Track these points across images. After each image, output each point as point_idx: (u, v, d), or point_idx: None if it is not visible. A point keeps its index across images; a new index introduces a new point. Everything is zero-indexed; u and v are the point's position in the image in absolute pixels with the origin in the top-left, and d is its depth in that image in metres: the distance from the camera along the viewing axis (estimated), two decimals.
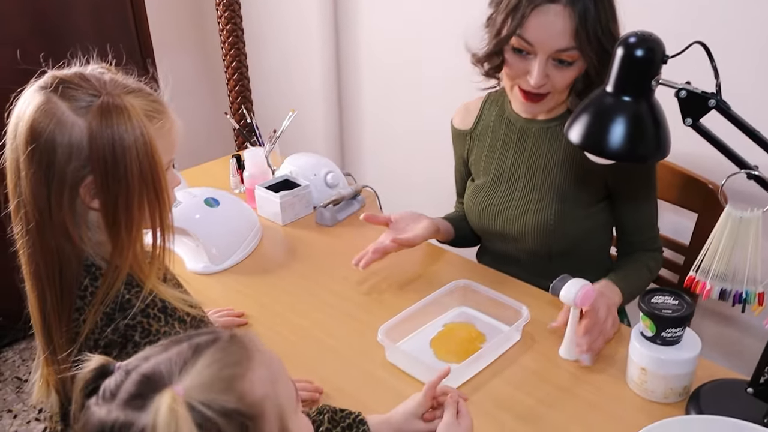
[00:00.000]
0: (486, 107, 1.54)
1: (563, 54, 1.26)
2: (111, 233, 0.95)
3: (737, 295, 1.01)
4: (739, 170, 0.96)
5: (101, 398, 0.66)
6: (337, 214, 1.73)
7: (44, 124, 0.90)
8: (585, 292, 1.20)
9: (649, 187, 1.43)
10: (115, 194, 0.92)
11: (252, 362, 0.69)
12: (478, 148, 1.54)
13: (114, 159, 0.90)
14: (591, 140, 1.02)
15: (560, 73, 1.29)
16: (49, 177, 0.91)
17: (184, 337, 0.72)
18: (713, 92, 0.96)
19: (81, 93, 0.91)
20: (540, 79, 1.28)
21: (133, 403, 0.64)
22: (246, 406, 0.66)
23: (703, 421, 0.99)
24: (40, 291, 0.96)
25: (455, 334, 1.33)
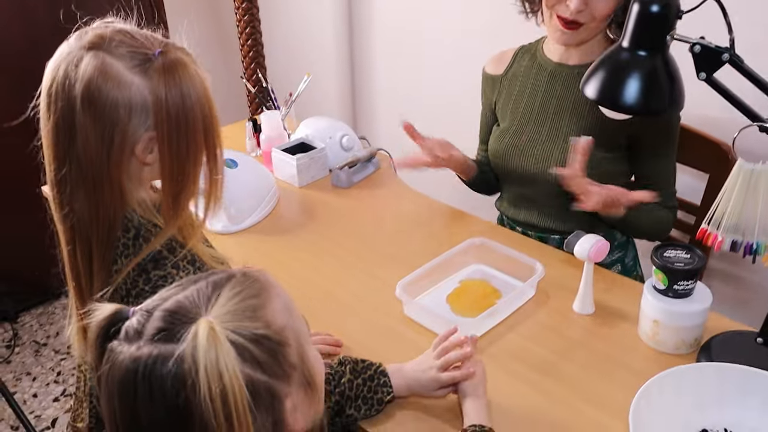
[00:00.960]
0: (519, 55, 1.58)
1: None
2: (170, 191, 0.97)
3: (748, 246, 1.03)
4: (752, 123, 0.97)
5: (124, 338, 0.68)
6: (353, 176, 1.75)
7: (104, 86, 0.90)
8: (598, 247, 1.22)
9: (669, 144, 1.45)
10: (185, 148, 0.94)
11: (270, 293, 0.72)
12: (507, 93, 1.58)
13: (185, 114, 0.92)
14: (607, 95, 1.04)
15: (598, 2, 1.32)
16: (110, 136, 0.92)
17: (198, 277, 0.74)
18: (727, 47, 0.97)
19: (132, 51, 0.92)
20: (579, 4, 1.31)
21: (164, 336, 0.66)
22: (273, 333, 0.69)
23: (715, 368, 1.02)
24: (87, 250, 0.97)
25: (471, 290, 1.37)
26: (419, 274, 1.33)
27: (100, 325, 0.70)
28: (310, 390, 0.74)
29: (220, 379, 0.62)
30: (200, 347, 0.63)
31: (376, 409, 1.07)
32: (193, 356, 0.63)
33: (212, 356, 0.63)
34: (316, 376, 0.75)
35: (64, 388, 2.31)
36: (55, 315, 2.66)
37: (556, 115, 1.49)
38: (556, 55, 1.51)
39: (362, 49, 2.61)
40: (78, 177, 0.94)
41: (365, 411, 1.07)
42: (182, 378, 0.63)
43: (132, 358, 0.66)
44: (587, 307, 1.28)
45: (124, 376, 0.66)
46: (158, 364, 0.64)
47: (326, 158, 1.78)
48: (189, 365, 0.63)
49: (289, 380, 0.70)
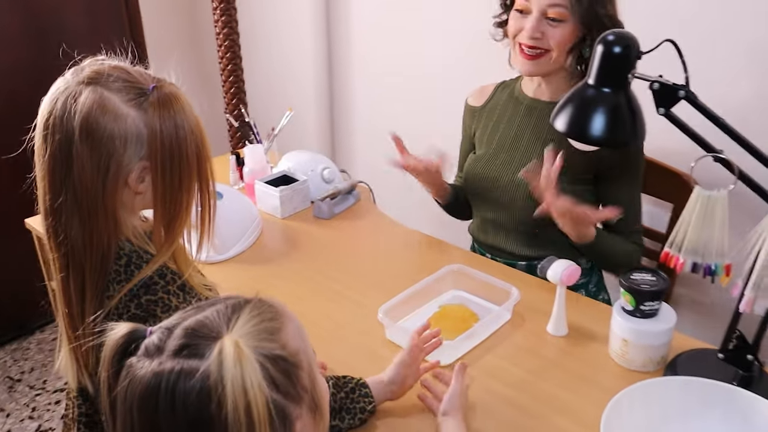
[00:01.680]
0: (499, 90, 1.69)
1: (554, 11, 1.41)
2: (163, 219, 1.02)
3: (707, 267, 1.11)
4: (706, 154, 1.06)
5: (144, 354, 0.70)
6: (334, 207, 1.82)
7: (102, 119, 0.95)
8: (570, 271, 1.30)
9: (633, 183, 1.53)
10: (178, 178, 1.00)
11: (284, 318, 0.76)
12: (485, 123, 1.67)
13: (178, 145, 0.98)
14: (575, 128, 1.12)
15: (553, 31, 1.43)
16: (106, 166, 0.97)
17: (214, 300, 0.78)
18: (683, 84, 1.06)
19: (128, 85, 0.98)
20: (532, 31, 1.43)
21: (187, 352, 0.68)
22: (289, 355, 0.72)
23: (680, 381, 1.09)
24: (80, 278, 1.00)
25: (450, 315, 1.42)
26: (400, 300, 1.39)
27: (118, 342, 0.73)
28: (318, 415, 0.77)
29: (245, 395, 0.65)
30: (227, 363, 0.66)
31: (360, 418, 1.13)
32: (219, 372, 0.65)
33: (238, 372, 0.65)
34: (322, 401, 0.78)
35: (39, 424, 2.30)
36: (29, 351, 2.64)
37: (528, 146, 1.58)
38: (531, 91, 1.60)
39: (341, 84, 2.70)
40: (73, 206, 0.98)
41: (349, 421, 1.12)
42: (208, 393, 0.65)
43: (154, 372, 0.68)
44: (561, 329, 1.35)
45: (145, 389, 0.68)
46: (182, 378, 0.66)
47: (308, 190, 1.85)
48: (215, 381, 0.65)
49: (301, 403, 0.73)
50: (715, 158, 1.06)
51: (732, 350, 1.16)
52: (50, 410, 2.35)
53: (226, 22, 2.40)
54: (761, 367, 1.18)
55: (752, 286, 1.07)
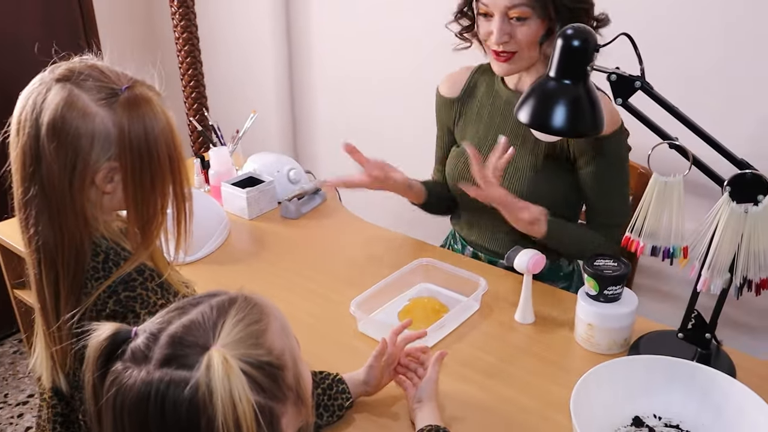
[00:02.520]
0: (476, 76, 1.64)
1: (515, 11, 1.39)
2: (137, 220, 1.02)
3: (666, 250, 1.16)
4: (662, 141, 1.11)
5: (131, 360, 0.71)
6: (301, 207, 1.83)
7: (70, 116, 0.96)
8: (536, 260, 1.34)
9: (610, 172, 1.50)
10: (150, 181, 1.00)
11: (269, 317, 0.77)
12: (467, 115, 1.64)
13: (147, 147, 0.98)
14: (537, 119, 1.17)
15: (520, 30, 1.41)
16: (72, 163, 0.97)
17: (198, 299, 0.77)
18: (638, 75, 1.11)
19: (99, 85, 0.98)
20: (499, 36, 1.41)
21: (175, 362, 0.69)
22: (274, 358, 0.73)
23: (643, 360, 1.14)
24: (53, 274, 1.01)
25: (421, 307, 1.45)
26: (371, 293, 1.42)
27: (102, 345, 0.73)
28: (302, 404, 0.78)
29: (233, 408, 0.67)
30: (215, 379, 0.67)
31: (337, 415, 1.14)
32: (208, 386, 0.67)
33: (227, 386, 0.67)
34: (306, 392, 0.79)
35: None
36: None
37: (510, 142, 1.52)
38: (512, 83, 1.58)
39: (302, 86, 2.72)
40: (42, 201, 0.99)
41: (327, 417, 1.13)
42: (196, 405, 0.67)
43: (143, 381, 0.68)
44: (528, 317, 1.39)
45: (135, 399, 0.68)
46: (171, 389, 0.67)
47: (275, 191, 1.86)
48: (204, 393, 0.67)
49: (286, 401, 0.74)
50: (670, 145, 1.11)
51: (691, 330, 1.21)
52: (13, 423, 2.31)
53: (185, 27, 2.39)
54: (718, 345, 1.24)
55: (708, 267, 1.12)
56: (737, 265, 1.11)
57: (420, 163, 1.84)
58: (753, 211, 1.07)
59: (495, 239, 1.64)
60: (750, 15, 1.67)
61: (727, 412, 1.07)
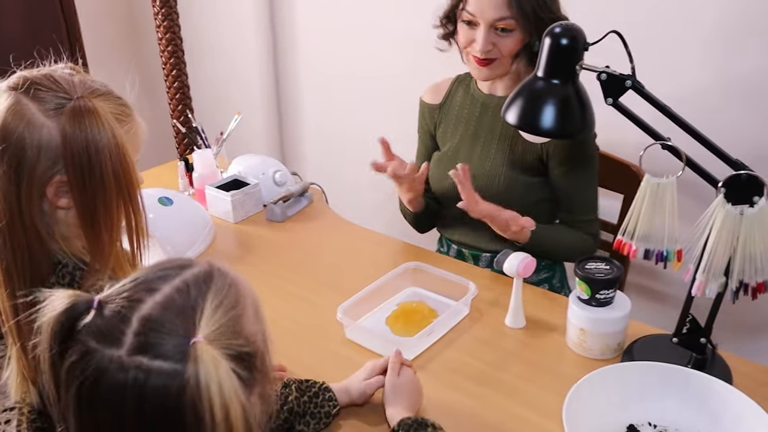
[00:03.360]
0: (455, 86, 1.69)
1: (502, 23, 1.42)
2: (90, 236, 0.98)
3: (659, 253, 1.13)
4: (654, 142, 1.08)
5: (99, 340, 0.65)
6: (287, 210, 1.80)
7: (14, 125, 0.92)
8: (526, 263, 1.31)
9: (583, 169, 1.54)
10: (93, 196, 0.95)
11: (245, 300, 0.73)
12: (446, 121, 1.68)
13: (89, 161, 0.93)
14: (526, 120, 1.13)
15: (503, 41, 1.45)
16: (19, 176, 0.93)
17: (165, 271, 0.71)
18: (629, 74, 1.08)
19: (51, 95, 0.94)
20: (484, 46, 1.44)
21: (151, 351, 0.64)
22: (250, 347, 0.70)
23: (637, 366, 1.11)
24: (11, 288, 0.97)
25: (409, 312, 1.42)
26: (358, 298, 1.38)
27: (60, 318, 0.67)
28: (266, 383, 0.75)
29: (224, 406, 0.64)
30: (204, 374, 0.63)
31: (324, 422, 1.11)
32: (197, 382, 0.63)
33: (216, 383, 0.63)
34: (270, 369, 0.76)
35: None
36: None
37: (486, 142, 1.60)
38: (485, 87, 1.62)
39: (288, 87, 2.68)
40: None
41: (314, 425, 1.10)
42: (182, 400, 0.63)
43: (118, 368, 0.64)
44: (519, 321, 1.36)
45: (108, 387, 0.64)
46: (152, 380, 0.63)
47: (260, 194, 1.82)
48: (192, 389, 0.63)
49: (255, 384, 0.72)
50: (663, 146, 1.08)
51: (685, 334, 1.19)
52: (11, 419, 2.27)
53: (168, 27, 2.35)
54: (714, 349, 1.21)
55: (703, 270, 1.09)
56: (733, 268, 1.08)
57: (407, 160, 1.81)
58: (749, 213, 1.05)
59: (476, 235, 1.65)
60: (744, 10, 1.64)
61: (724, 420, 1.05)
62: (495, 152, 1.58)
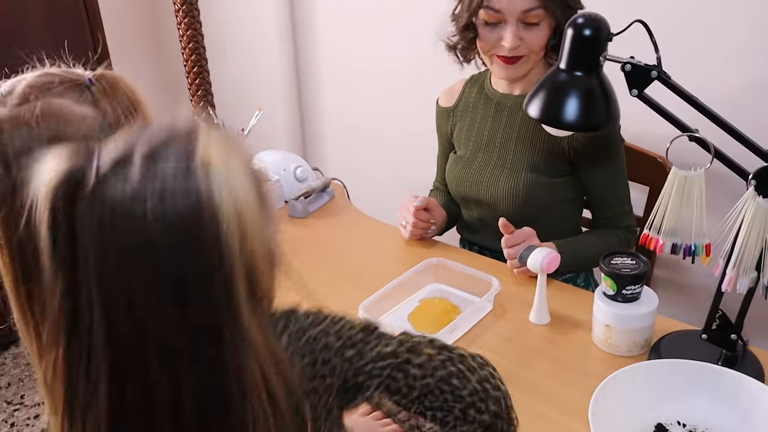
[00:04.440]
0: (468, 87, 1.65)
1: (530, 15, 1.37)
2: None
3: (687, 248, 1.10)
4: (681, 133, 1.05)
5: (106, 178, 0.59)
6: (309, 206, 1.79)
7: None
8: (550, 258, 1.29)
9: (613, 164, 1.51)
10: None
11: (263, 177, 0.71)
12: (461, 123, 1.65)
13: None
14: (548, 114, 1.11)
15: (531, 35, 1.40)
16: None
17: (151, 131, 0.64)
18: (654, 64, 1.05)
19: None
20: (514, 41, 1.39)
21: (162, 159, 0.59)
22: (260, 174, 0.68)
23: (665, 364, 1.08)
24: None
25: (431, 309, 1.41)
26: (380, 296, 1.37)
27: (59, 188, 0.59)
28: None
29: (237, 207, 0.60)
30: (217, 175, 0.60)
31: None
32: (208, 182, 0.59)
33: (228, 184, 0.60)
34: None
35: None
36: (5, 366, 2.59)
37: (503, 144, 1.56)
38: (501, 86, 1.58)
39: (309, 81, 2.67)
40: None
41: None
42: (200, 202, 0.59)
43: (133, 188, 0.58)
44: (543, 317, 1.33)
45: (126, 205, 0.58)
46: (170, 182, 0.59)
47: (281, 190, 1.81)
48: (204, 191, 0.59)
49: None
50: (690, 137, 1.05)
51: (715, 330, 1.16)
52: (29, 425, 2.30)
53: (189, 24, 2.35)
54: (745, 345, 1.18)
55: (733, 265, 1.06)
56: (764, 262, 1.05)
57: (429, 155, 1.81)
58: None
59: (497, 238, 1.57)
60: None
61: (756, 419, 1.02)
62: (514, 153, 1.55)
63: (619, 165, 1.53)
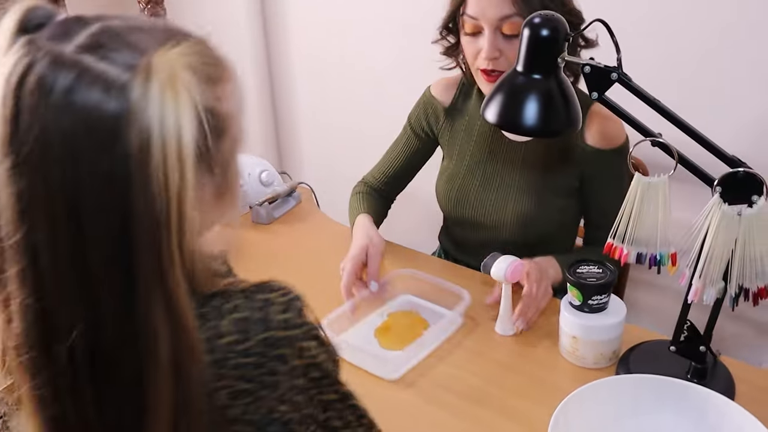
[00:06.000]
0: (466, 86, 1.52)
1: (507, 23, 1.27)
2: None
3: (652, 257, 1.05)
4: (644, 138, 1.00)
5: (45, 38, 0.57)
6: (273, 211, 1.73)
7: None
8: (514, 267, 1.24)
9: (619, 187, 1.35)
10: None
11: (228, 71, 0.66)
12: (456, 128, 1.53)
13: None
14: (506, 119, 1.05)
15: (510, 47, 1.29)
16: None
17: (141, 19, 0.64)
18: (615, 66, 1.00)
19: None
20: (491, 50, 1.29)
21: (100, 53, 0.56)
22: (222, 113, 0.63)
23: (630, 380, 1.04)
24: None
25: (399, 323, 1.34)
26: (345, 309, 1.31)
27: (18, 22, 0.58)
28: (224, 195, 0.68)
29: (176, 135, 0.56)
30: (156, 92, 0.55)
31: None
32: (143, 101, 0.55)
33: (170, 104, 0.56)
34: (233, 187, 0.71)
35: None
36: None
37: (508, 162, 1.46)
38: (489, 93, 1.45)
39: (282, 84, 2.62)
40: None
41: None
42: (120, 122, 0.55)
43: (55, 60, 0.55)
44: (508, 329, 1.29)
45: (39, 79, 0.55)
46: (89, 85, 0.55)
47: (245, 195, 1.76)
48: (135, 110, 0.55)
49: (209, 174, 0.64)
50: (653, 143, 1.00)
51: (683, 342, 1.11)
52: None
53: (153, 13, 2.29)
54: (715, 357, 1.14)
55: (699, 275, 1.01)
56: (732, 272, 1.00)
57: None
58: (747, 214, 0.96)
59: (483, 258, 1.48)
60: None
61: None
62: (520, 174, 1.44)
63: (624, 192, 1.43)
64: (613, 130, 1.38)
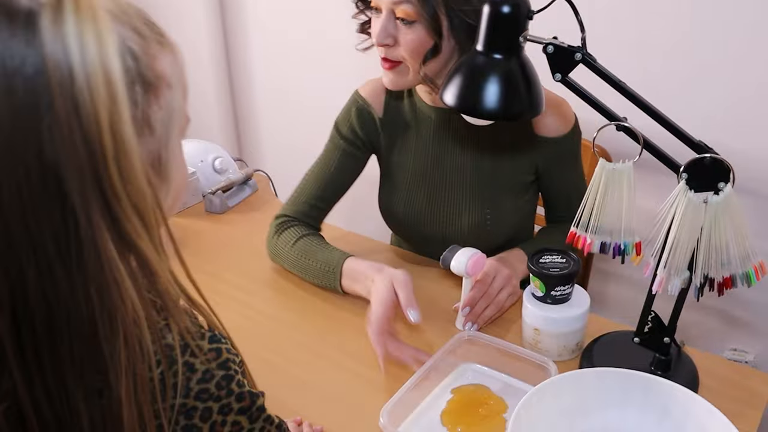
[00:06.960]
0: (393, 95, 1.39)
1: (399, 8, 1.15)
2: None
3: (616, 246, 1.02)
4: (608, 122, 0.96)
5: None
6: (228, 200, 1.67)
7: None
8: (475, 260, 1.19)
9: (575, 165, 1.38)
10: None
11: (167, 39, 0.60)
12: (393, 139, 1.40)
13: None
14: (465, 101, 1.00)
15: (403, 34, 1.17)
16: None
17: None
18: (579, 46, 0.95)
19: None
20: (382, 34, 1.17)
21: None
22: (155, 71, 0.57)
23: (593, 373, 1.00)
24: None
25: (469, 402, 1.09)
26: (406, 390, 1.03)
27: None
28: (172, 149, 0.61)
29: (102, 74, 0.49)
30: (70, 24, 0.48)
31: None
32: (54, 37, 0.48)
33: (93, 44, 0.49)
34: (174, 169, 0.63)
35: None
36: None
37: (454, 170, 1.36)
38: (428, 98, 1.33)
39: (240, 69, 2.54)
40: None
41: None
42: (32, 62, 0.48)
43: None
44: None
45: None
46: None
47: (198, 183, 1.69)
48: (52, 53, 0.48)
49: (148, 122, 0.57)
50: (618, 127, 0.96)
51: (648, 333, 1.08)
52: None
53: None
54: (680, 348, 1.11)
55: (664, 265, 0.98)
56: (697, 262, 0.97)
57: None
58: (713, 201, 0.93)
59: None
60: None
61: (687, 429, 0.94)
62: (471, 179, 1.35)
63: (580, 168, 1.39)
64: (563, 115, 1.31)
